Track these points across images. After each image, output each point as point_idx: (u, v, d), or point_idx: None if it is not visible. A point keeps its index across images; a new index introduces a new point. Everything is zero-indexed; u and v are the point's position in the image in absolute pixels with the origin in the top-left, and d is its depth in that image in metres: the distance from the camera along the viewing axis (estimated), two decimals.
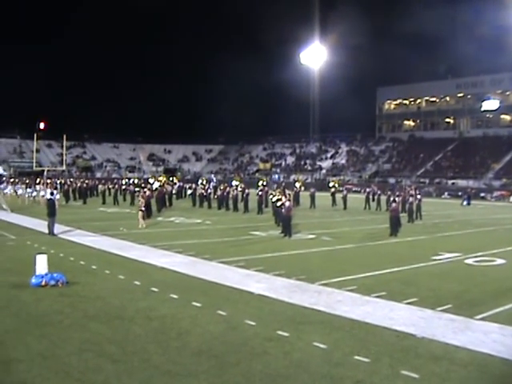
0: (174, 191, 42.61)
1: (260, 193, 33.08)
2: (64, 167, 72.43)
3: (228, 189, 35.99)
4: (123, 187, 43.60)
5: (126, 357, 7.51)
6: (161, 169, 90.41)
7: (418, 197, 29.61)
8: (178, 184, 47.66)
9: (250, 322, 9.22)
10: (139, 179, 57.50)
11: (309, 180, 71.10)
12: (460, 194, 53.27)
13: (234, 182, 43.93)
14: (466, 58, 63.82)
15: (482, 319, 9.50)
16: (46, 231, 20.69)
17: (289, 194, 25.43)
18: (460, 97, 78.34)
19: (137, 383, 6.68)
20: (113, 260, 15.37)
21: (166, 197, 36.22)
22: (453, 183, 62.78)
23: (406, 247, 19.15)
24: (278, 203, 23.61)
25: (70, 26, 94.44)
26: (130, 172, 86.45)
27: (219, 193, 36.01)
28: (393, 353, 7.79)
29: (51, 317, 9.43)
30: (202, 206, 36.55)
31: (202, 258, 15.60)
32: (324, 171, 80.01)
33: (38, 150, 71.50)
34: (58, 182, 52.25)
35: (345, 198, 36.58)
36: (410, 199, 28.70)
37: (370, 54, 77.84)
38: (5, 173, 73.21)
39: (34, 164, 67.12)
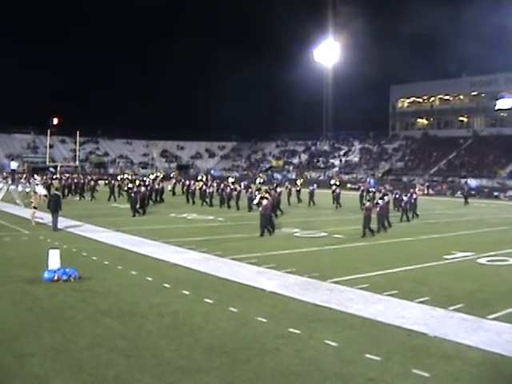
0: (169, 188, 42.99)
1: (249, 190, 33.63)
2: (77, 163, 72.98)
3: (222, 186, 35.98)
4: (118, 183, 43.50)
5: (138, 352, 7.56)
6: (174, 165, 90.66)
7: (414, 196, 29.13)
8: (174, 181, 47.58)
9: (262, 319, 9.23)
10: (131, 174, 57.35)
11: (321, 177, 70.94)
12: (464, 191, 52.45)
13: (230, 179, 44.17)
14: (480, 56, 63.16)
15: (495, 319, 9.45)
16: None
17: (269, 193, 24.05)
18: (474, 95, 77.67)
19: (149, 379, 6.72)
20: (125, 256, 15.46)
21: (154, 193, 35.88)
22: (466, 182, 62.35)
23: (419, 246, 19.05)
24: (255, 201, 23.41)
25: (83, 23, 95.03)
26: (142, 168, 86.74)
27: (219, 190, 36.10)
28: (404, 351, 7.77)
29: (64, 311, 9.51)
30: (194, 202, 35.80)
31: (214, 255, 15.64)
32: (337, 169, 79.82)
33: (51, 146, 72.18)
34: (54, 177, 52.33)
35: (338, 196, 35.42)
36: (404, 198, 28.04)
37: (384, 52, 77.21)
38: (16, 164, 73.62)
39: (48, 159, 67.66)
